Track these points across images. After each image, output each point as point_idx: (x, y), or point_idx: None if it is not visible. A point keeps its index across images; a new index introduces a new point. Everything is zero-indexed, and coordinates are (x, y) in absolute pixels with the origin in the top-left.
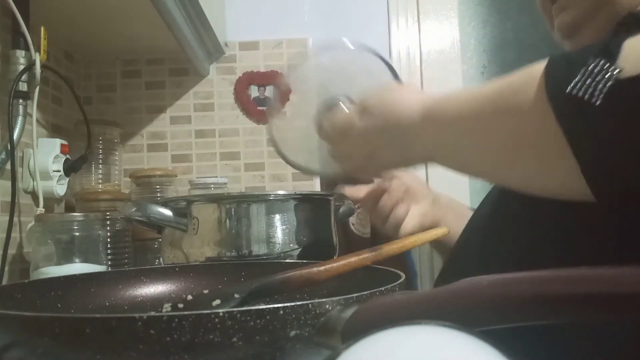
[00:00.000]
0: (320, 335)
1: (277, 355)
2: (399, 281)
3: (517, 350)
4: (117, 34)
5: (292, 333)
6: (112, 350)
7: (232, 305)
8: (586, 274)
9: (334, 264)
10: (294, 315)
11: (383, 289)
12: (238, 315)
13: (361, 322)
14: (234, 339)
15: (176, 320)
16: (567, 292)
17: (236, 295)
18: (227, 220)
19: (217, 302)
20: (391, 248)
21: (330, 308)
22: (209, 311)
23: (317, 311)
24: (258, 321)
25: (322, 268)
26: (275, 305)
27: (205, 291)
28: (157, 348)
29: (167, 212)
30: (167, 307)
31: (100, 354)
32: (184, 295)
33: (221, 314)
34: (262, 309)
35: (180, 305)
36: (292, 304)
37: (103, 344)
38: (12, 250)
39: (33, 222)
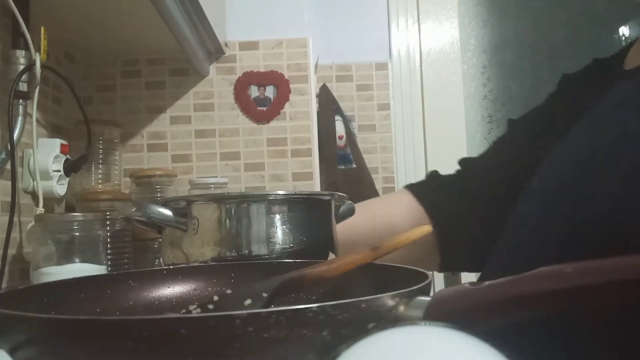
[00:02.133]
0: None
1: None
2: (427, 280)
3: (519, 351)
4: (117, 34)
5: (371, 325)
6: (208, 350)
7: (262, 304)
8: None
9: (342, 262)
10: (373, 308)
11: (424, 284)
12: (329, 310)
13: (444, 306)
14: (324, 333)
15: (274, 316)
16: None
17: (264, 294)
18: (227, 220)
19: (249, 301)
20: (388, 245)
21: (399, 300)
22: (303, 306)
23: (390, 304)
24: (345, 315)
25: (332, 266)
26: (359, 299)
27: (229, 291)
28: (254, 345)
29: (167, 212)
30: (192, 308)
31: (196, 354)
32: (212, 296)
33: (314, 308)
34: (348, 302)
35: (210, 307)
36: (372, 297)
37: (200, 344)
38: (12, 250)
39: (33, 222)
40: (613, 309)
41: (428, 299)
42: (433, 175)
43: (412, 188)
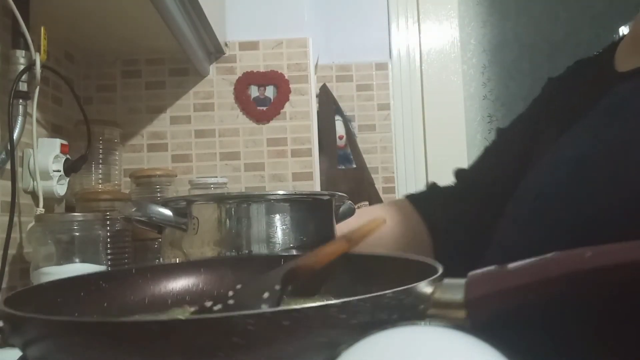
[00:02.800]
0: (439, 309)
1: None
2: (439, 273)
3: (519, 351)
4: (117, 34)
5: (421, 307)
6: (306, 338)
7: (277, 297)
8: None
9: (326, 252)
10: (422, 292)
11: (439, 274)
12: (399, 295)
13: (481, 288)
14: (395, 316)
15: (361, 303)
16: None
17: (276, 287)
18: (227, 220)
19: (267, 294)
20: (358, 236)
21: (435, 285)
22: (382, 292)
23: (430, 289)
24: (409, 299)
25: (319, 257)
26: (415, 284)
27: (238, 286)
28: (345, 331)
29: (167, 212)
30: (209, 304)
31: (296, 344)
32: (228, 292)
33: (389, 294)
34: (410, 288)
35: (231, 302)
36: (420, 282)
37: (299, 334)
38: (12, 250)
39: (33, 222)
40: (616, 306)
41: (462, 281)
42: (432, 187)
43: (411, 198)
